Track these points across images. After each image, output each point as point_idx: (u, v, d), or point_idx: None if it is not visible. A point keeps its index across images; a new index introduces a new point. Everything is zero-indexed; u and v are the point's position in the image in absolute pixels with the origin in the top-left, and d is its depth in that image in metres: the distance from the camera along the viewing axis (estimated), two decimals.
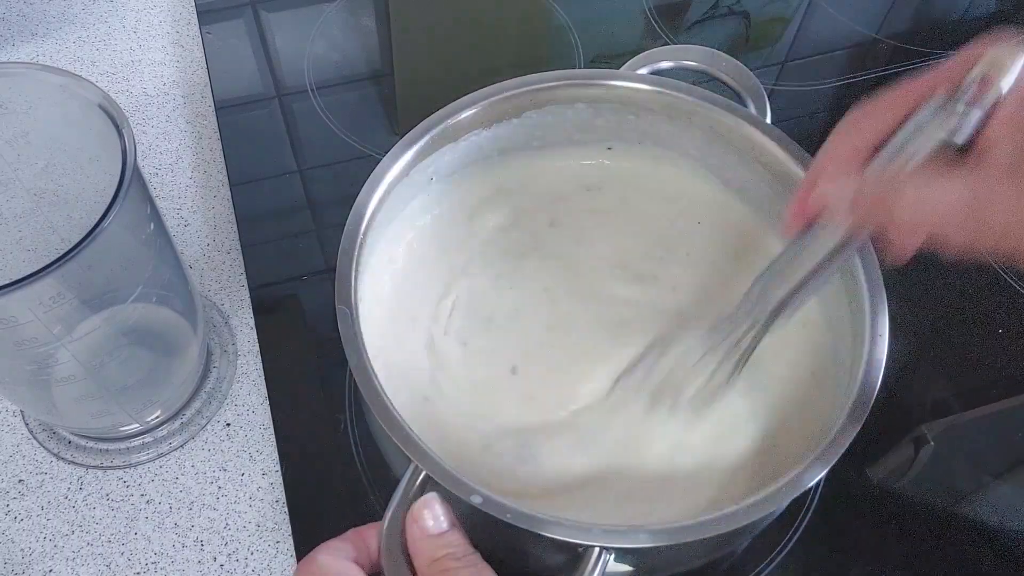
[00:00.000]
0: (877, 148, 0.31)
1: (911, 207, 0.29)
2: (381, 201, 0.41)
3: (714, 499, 0.38)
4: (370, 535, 0.32)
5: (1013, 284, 0.52)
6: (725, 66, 0.46)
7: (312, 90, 0.60)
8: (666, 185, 0.48)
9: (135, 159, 0.33)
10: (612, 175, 0.49)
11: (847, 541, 0.43)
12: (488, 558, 0.32)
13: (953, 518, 0.44)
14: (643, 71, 0.46)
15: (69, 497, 0.43)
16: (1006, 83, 0.27)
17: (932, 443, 0.45)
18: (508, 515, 0.31)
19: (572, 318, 0.43)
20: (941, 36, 0.66)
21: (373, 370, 0.35)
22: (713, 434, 0.40)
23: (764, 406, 0.41)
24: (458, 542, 0.31)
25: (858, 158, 0.32)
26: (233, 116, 0.59)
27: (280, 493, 0.44)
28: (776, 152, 0.42)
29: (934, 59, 0.65)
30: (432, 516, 0.31)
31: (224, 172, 0.56)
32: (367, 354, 0.35)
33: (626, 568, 0.34)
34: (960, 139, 0.29)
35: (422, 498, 0.32)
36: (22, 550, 0.42)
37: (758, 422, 0.40)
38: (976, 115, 0.28)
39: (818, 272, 0.35)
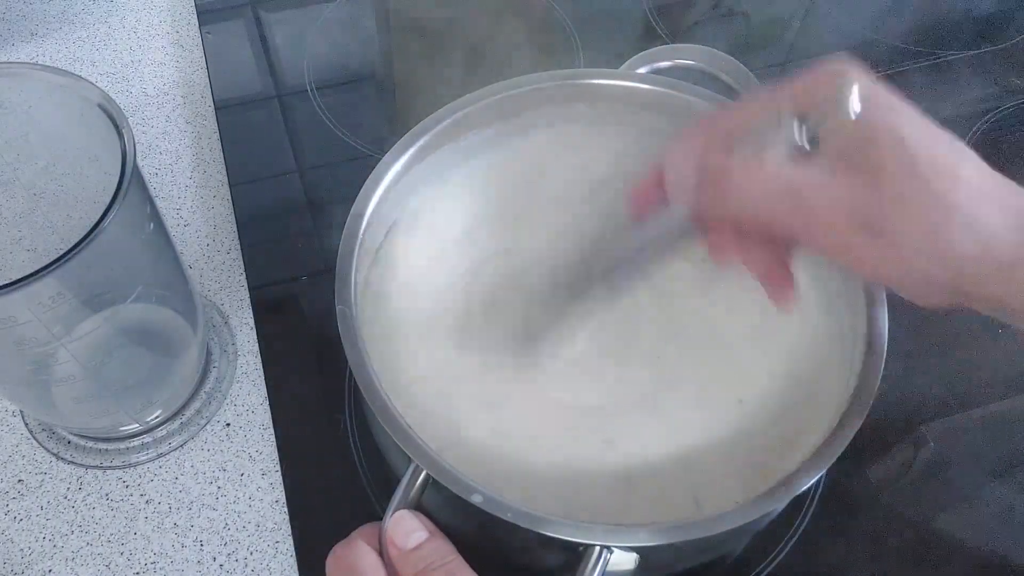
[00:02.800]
0: (725, 144, 0.32)
1: (743, 188, 0.30)
2: (381, 201, 0.41)
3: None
4: None
5: None
6: (725, 66, 0.46)
7: (312, 90, 0.60)
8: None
9: (135, 159, 0.33)
10: (612, 175, 0.48)
11: (847, 541, 0.43)
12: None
13: (953, 518, 0.44)
14: (642, 71, 0.46)
15: (69, 497, 0.43)
16: (854, 107, 0.29)
17: (932, 443, 0.45)
18: (508, 514, 0.31)
19: (585, 326, 0.43)
20: (941, 36, 0.67)
21: (373, 370, 0.35)
22: (702, 427, 0.40)
23: (762, 405, 0.41)
24: (435, 552, 0.31)
25: (705, 150, 0.33)
26: (233, 116, 0.59)
27: (280, 493, 0.44)
28: None
29: (934, 59, 0.65)
30: (404, 534, 0.31)
31: (224, 172, 0.56)
32: (367, 353, 0.35)
33: (627, 567, 0.34)
34: (804, 144, 0.30)
35: (393, 517, 0.32)
36: (21, 550, 0.42)
37: (754, 418, 0.40)
38: (820, 128, 0.30)
39: (654, 256, 0.37)
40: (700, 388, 0.41)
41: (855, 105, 0.29)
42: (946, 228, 0.28)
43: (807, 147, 0.30)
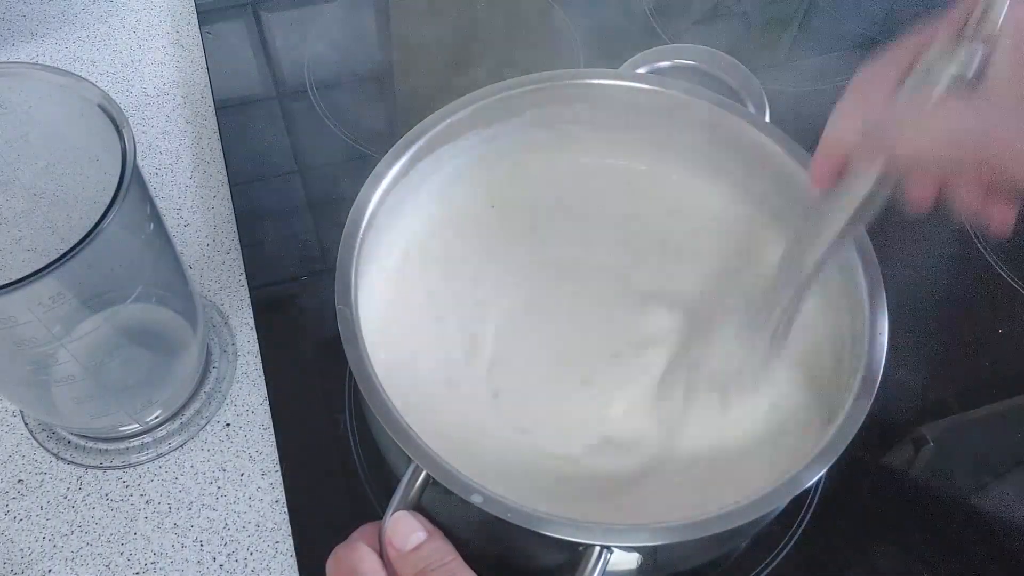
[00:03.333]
0: (890, 95, 0.31)
1: (923, 135, 0.29)
2: (381, 201, 0.41)
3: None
4: None
5: (1013, 284, 0.52)
6: (724, 66, 0.46)
7: (312, 90, 0.60)
8: (666, 184, 0.48)
9: (135, 159, 0.33)
10: (612, 175, 0.49)
11: (847, 541, 0.43)
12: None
13: (953, 518, 0.44)
14: (642, 71, 0.46)
15: (68, 497, 0.43)
16: (1000, 15, 0.28)
17: (932, 443, 0.45)
18: (508, 514, 0.31)
19: (581, 324, 0.43)
20: None
21: (373, 370, 0.35)
22: (702, 427, 0.40)
23: (761, 404, 0.41)
24: (434, 552, 0.31)
25: (872, 105, 0.32)
26: (233, 116, 0.59)
27: (280, 493, 0.44)
28: (776, 151, 0.42)
29: None
30: (403, 535, 0.31)
31: (224, 172, 0.56)
32: (367, 354, 0.35)
33: (628, 567, 0.34)
34: (969, 73, 0.30)
35: (392, 518, 0.32)
36: (21, 550, 0.42)
37: (754, 418, 0.40)
38: (979, 49, 0.29)
39: (849, 227, 0.35)
40: (699, 389, 0.41)
41: (999, 16, 0.28)
42: None
43: (970, 75, 0.29)
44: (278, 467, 0.44)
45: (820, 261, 0.36)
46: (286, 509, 0.43)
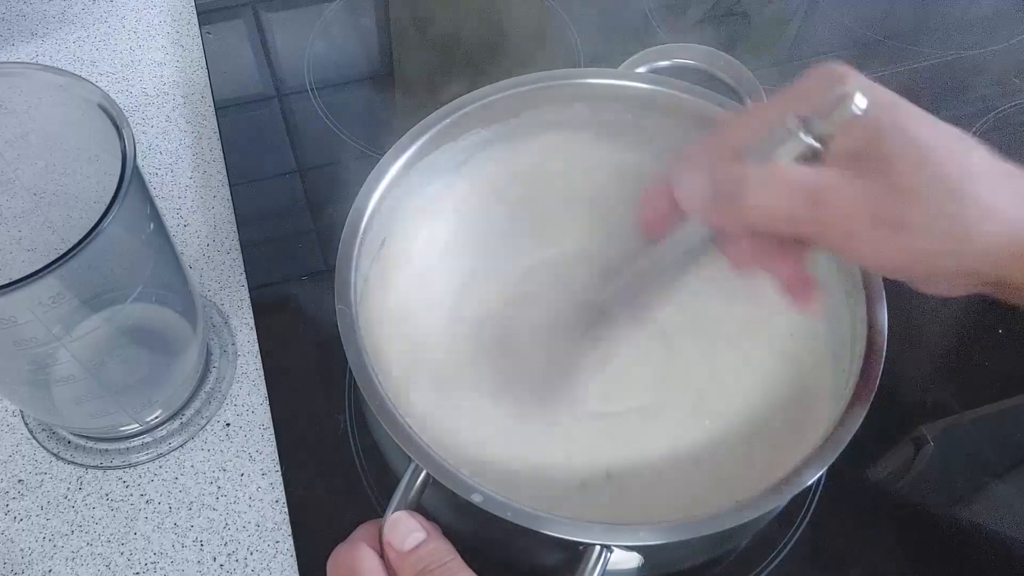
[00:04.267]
0: (734, 155, 0.32)
1: (760, 193, 0.30)
2: (381, 201, 0.41)
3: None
4: None
5: None
6: (724, 65, 0.46)
7: (312, 90, 0.60)
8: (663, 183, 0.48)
9: (135, 159, 0.33)
10: (612, 174, 0.48)
11: (847, 541, 0.43)
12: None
13: (953, 518, 0.44)
14: (641, 70, 0.46)
15: (69, 497, 0.43)
16: (860, 106, 0.29)
17: (932, 443, 0.45)
18: (509, 513, 0.31)
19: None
20: (941, 36, 0.67)
21: (373, 369, 0.35)
22: (701, 426, 0.40)
23: (762, 404, 0.41)
24: (434, 553, 0.31)
25: (715, 162, 0.33)
26: (233, 116, 0.59)
27: (280, 493, 0.44)
28: None
29: (934, 59, 0.65)
30: (402, 535, 0.31)
31: (224, 172, 0.56)
32: (367, 354, 0.35)
33: (628, 566, 0.34)
34: (817, 143, 0.30)
35: (391, 518, 0.32)
36: (21, 550, 0.42)
37: (754, 417, 0.40)
38: (829, 130, 0.30)
39: (672, 274, 0.37)
40: (700, 387, 0.41)
41: (860, 103, 0.29)
42: (963, 217, 0.29)
43: (817, 146, 0.30)
44: (278, 467, 0.44)
45: (619, 293, 0.39)
46: (286, 509, 0.43)
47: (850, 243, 0.30)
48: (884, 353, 0.36)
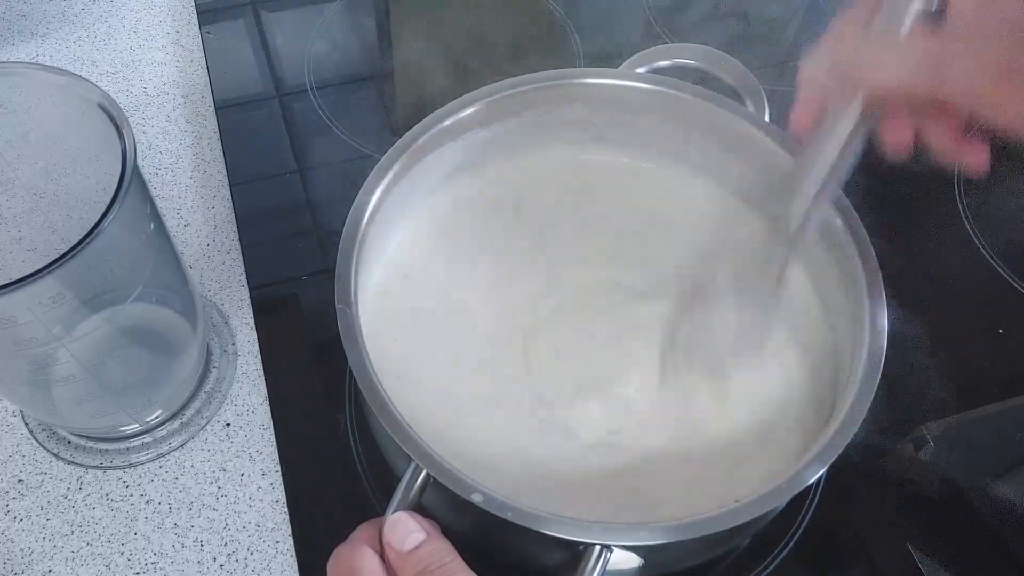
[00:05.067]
0: (860, 34, 0.32)
1: (889, 66, 0.30)
2: (381, 201, 0.41)
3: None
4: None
5: (1013, 284, 0.52)
6: (724, 65, 0.46)
7: (312, 90, 0.60)
8: (665, 183, 0.48)
9: (135, 159, 0.33)
10: (610, 173, 0.49)
11: (847, 541, 0.43)
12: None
13: (953, 518, 0.44)
14: (641, 70, 0.46)
15: (69, 497, 0.43)
16: None
17: (932, 443, 0.45)
18: (509, 513, 0.31)
19: (581, 321, 0.43)
20: None
21: (373, 369, 0.35)
22: (701, 426, 0.40)
23: (761, 403, 0.41)
24: (433, 553, 0.31)
25: (844, 45, 0.33)
26: (233, 116, 0.59)
27: (280, 493, 0.44)
28: (776, 150, 0.42)
29: None
30: (402, 536, 0.31)
31: (224, 172, 0.56)
32: (367, 353, 0.35)
33: (628, 566, 0.34)
34: (932, 7, 0.30)
35: (391, 519, 0.32)
36: (22, 550, 0.42)
37: (753, 417, 0.40)
38: None
39: (831, 176, 0.35)
40: (700, 388, 0.41)
41: None
42: None
43: (934, 8, 0.30)
44: (278, 467, 0.44)
45: (806, 215, 0.37)
46: (286, 509, 0.43)
47: (981, 103, 0.29)
48: (884, 353, 0.36)
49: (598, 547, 0.31)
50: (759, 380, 0.41)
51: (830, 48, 0.33)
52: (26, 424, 0.46)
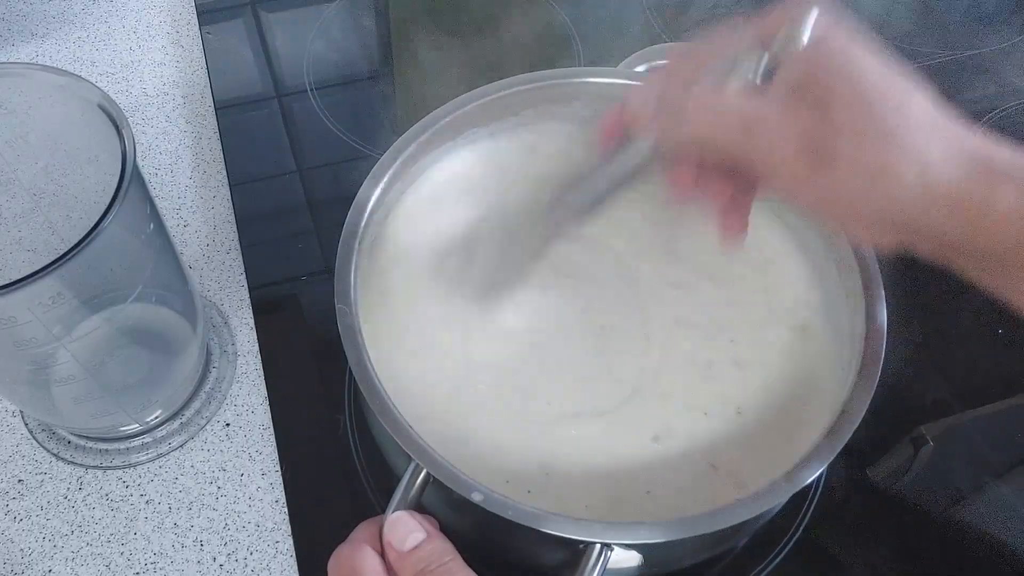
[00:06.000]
0: (687, 80, 0.34)
1: (696, 116, 0.32)
2: (380, 200, 0.41)
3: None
4: None
5: None
6: None
7: (312, 90, 0.60)
8: (664, 181, 0.48)
9: (135, 159, 0.33)
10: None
11: (846, 541, 0.43)
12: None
13: (953, 518, 0.44)
14: (641, 69, 0.46)
15: (69, 497, 0.43)
16: (804, 38, 0.31)
17: (932, 443, 0.45)
18: (509, 512, 0.31)
19: (581, 320, 0.43)
20: (941, 36, 0.67)
21: (373, 369, 0.35)
22: (700, 425, 0.40)
23: (761, 402, 0.41)
24: (433, 552, 0.31)
25: (672, 88, 0.34)
26: (233, 116, 0.59)
27: (280, 493, 0.44)
28: None
29: (934, 59, 0.65)
30: (402, 535, 0.31)
31: (224, 172, 0.56)
32: (367, 353, 0.35)
33: (629, 564, 0.34)
34: (756, 79, 0.32)
35: (391, 518, 0.32)
36: (22, 550, 0.42)
37: (753, 416, 0.40)
38: (775, 58, 0.32)
39: (615, 188, 0.38)
40: (699, 386, 0.41)
41: (805, 36, 0.30)
42: (890, 159, 0.29)
43: (759, 81, 0.32)
44: (278, 467, 0.44)
45: (580, 210, 0.40)
46: (286, 509, 0.43)
47: (776, 174, 0.31)
48: (883, 353, 0.36)
49: (598, 546, 0.31)
50: (760, 379, 0.41)
51: (660, 89, 0.34)
52: (26, 424, 0.46)
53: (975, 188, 0.29)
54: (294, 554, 0.42)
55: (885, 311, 0.37)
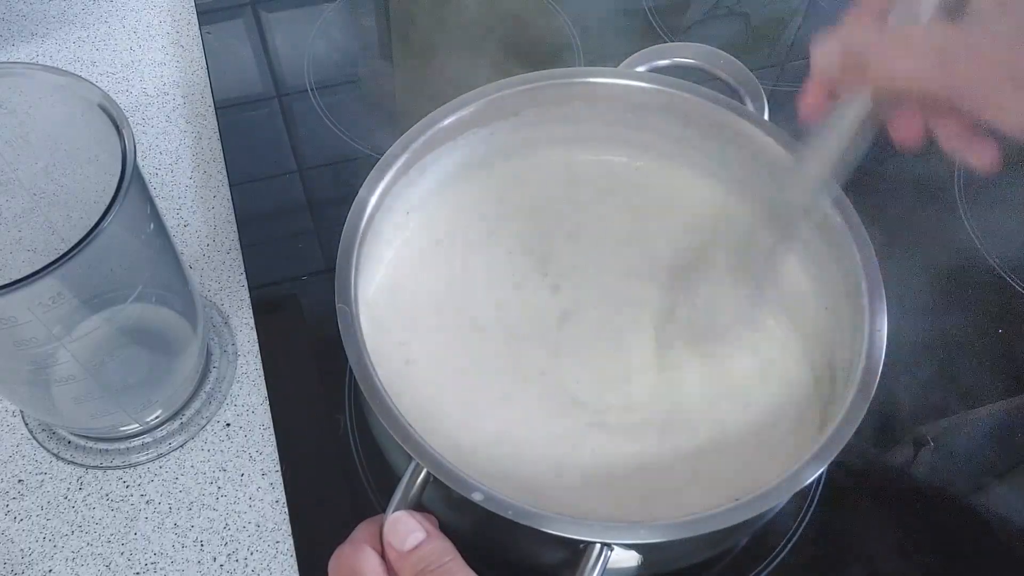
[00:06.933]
0: (874, 24, 0.32)
1: (885, 54, 0.30)
2: (380, 200, 0.41)
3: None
4: None
5: (1013, 284, 0.52)
6: (723, 64, 0.46)
7: (312, 90, 0.60)
8: (664, 181, 0.48)
9: (135, 159, 0.33)
10: (610, 172, 0.49)
11: (847, 541, 0.43)
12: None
13: (953, 518, 0.44)
14: (641, 69, 0.46)
15: (69, 497, 0.43)
16: None
17: (932, 443, 0.45)
18: (509, 511, 0.31)
19: (585, 321, 0.43)
20: None
21: (374, 369, 0.35)
22: (700, 425, 0.40)
23: (761, 402, 0.41)
24: (433, 552, 0.31)
25: (858, 34, 0.32)
26: (233, 116, 0.59)
27: (280, 493, 0.44)
28: (775, 149, 0.42)
29: None
30: (402, 535, 0.31)
31: (224, 172, 0.56)
32: (367, 352, 0.35)
33: (629, 564, 0.34)
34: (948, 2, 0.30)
35: (391, 518, 0.32)
36: (22, 550, 0.42)
37: (753, 417, 0.40)
38: None
39: (835, 165, 0.35)
40: (699, 385, 0.41)
41: None
42: None
43: (950, 4, 0.30)
44: (278, 467, 0.44)
45: (809, 201, 0.37)
46: (286, 509, 0.43)
47: (986, 104, 0.29)
48: (884, 353, 0.36)
49: (598, 545, 0.31)
50: (760, 378, 0.41)
51: (842, 34, 0.32)
52: (26, 424, 0.46)
53: None
54: (294, 554, 0.42)
55: (885, 311, 0.37)
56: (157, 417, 0.45)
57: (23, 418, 0.46)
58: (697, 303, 0.42)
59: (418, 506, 0.33)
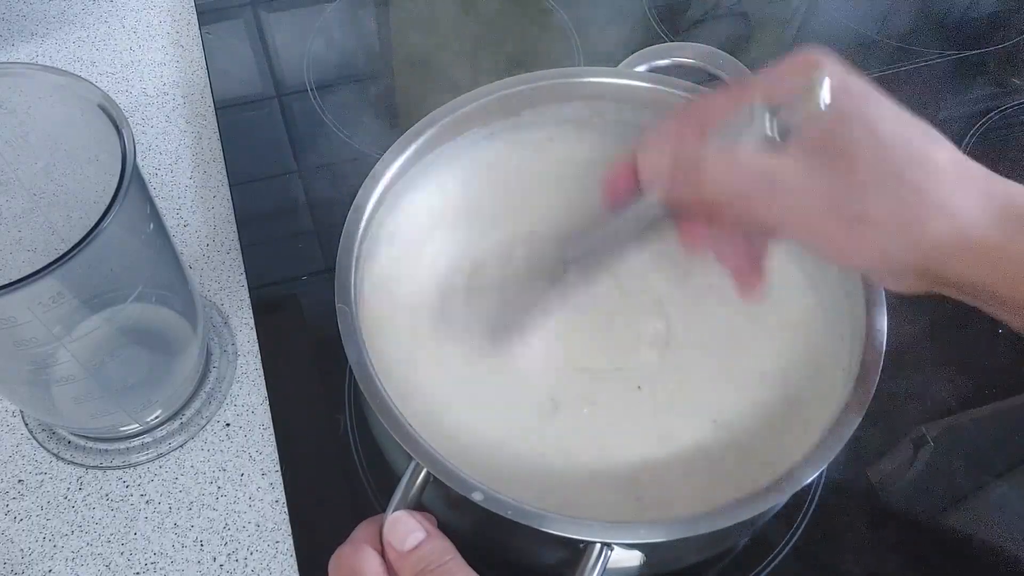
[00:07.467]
0: (699, 134, 0.33)
1: (717, 176, 0.31)
2: (380, 200, 0.41)
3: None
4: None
5: None
6: (723, 64, 0.46)
7: (312, 90, 0.61)
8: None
9: (135, 159, 0.33)
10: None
11: (846, 541, 0.43)
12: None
13: (953, 518, 0.44)
14: (641, 68, 0.46)
15: (69, 497, 0.43)
16: (822, 98, 0.29)
17: (932, 443, 0.45)
18: (509, 511, 0.31)
19: (579, 318, 0.43)
20: (941, 36, 0.67)
21: (374, 368, 0.35)
22: (700, 425, 0.40)
23: (761, 402, 0.41)
24: (433, 552, 0.31)
25: (683, 145, 0.33)
26: (233, 116, 0.59)
27: (280, 493, 0.44)
28: None
29: (934, 59, 0.65)
30: (402, 535, 0.31)
31: (224, 172, 0.56)
32: (367, 353, 0.35)
33: (629, 564, 0.34)
34: (775, 135, 0.31)
35: (390, 518, 0.32)
36: (22, 550, 0.42)
37: (753, 416, 0.40)
38: (793, 121, 0.30)
39: (624, 245, 0.37)
40: (698, 386, 0.41)
41: (826, 96, 0.29)
42: (920, 213, 0.29)
43: (778, 138, 0.30)
44: (278, 467, 0.44)
45: (582, 264, 0.39)
46: (286, 509, 0.43)
47: (804, 233, 0.30)
48: (883, 353, 0.36)
49: (598, 545, 0.31)
50: (760, 380, 0.41)
51: (673, 146, 0.33)
52: (26, 424, 0.46)
53: (1003, 235, 0.29)
54: (294, 554, 0.42)
55: (885, 311, 0.37)
56: (157, 417, 0.45)
57: (23, 418, 0.46)
58: (699, 312, 0.42)
59: (418, 506, 0.33)
